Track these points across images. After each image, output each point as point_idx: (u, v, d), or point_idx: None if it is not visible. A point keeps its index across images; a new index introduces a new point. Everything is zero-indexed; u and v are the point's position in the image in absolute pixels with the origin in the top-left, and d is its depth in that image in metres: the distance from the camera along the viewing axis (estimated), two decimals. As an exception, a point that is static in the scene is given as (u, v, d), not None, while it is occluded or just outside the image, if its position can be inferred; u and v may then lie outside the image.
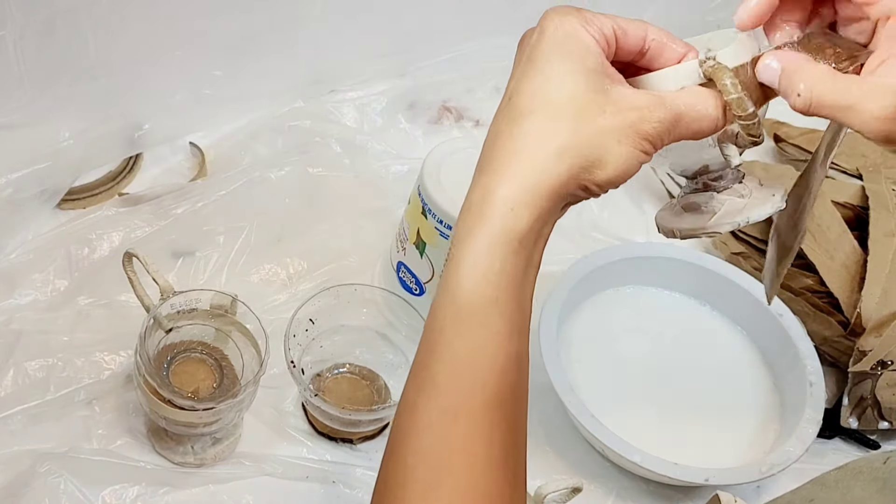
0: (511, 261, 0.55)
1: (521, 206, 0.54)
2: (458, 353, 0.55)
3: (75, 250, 0.97)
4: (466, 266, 0.55)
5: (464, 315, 0.55)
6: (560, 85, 0.55)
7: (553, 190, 0.54)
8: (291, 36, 1.08)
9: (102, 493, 0.82)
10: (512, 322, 0.56)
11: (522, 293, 0.56)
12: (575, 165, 0.54)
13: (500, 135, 0.56)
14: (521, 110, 0.55)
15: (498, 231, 0.54)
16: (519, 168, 0.54)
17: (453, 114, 1.20)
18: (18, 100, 0.93)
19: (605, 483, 0.93)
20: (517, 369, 0.56)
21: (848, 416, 0.99)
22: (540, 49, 0.56)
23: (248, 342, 0.85)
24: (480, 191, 0.55)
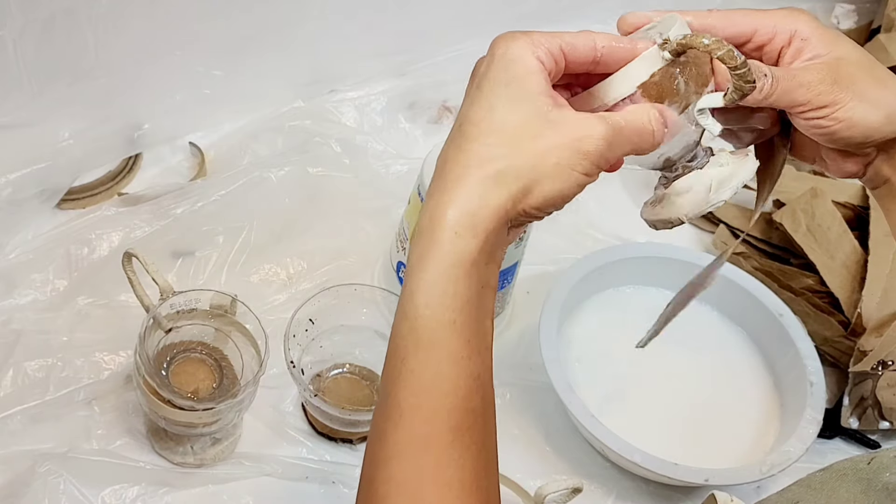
0: (464, 283, 0.56)
1: (465, 230, 0.55)
2: (421, 380, 0.56)
3: (75, 250, 0.97)
4: (421, 292, 0.56)
5: (423, 341, 0.56)
6: (503, 112, 0.56)
7: (493, 214, 0.55)
8: (291, 36, 1.08)
9: (102, 493, 0.82)
10: (470, 344, 0.56)
11: (480, 313, 0.57)
12: (513, 188, 0.55)
13: (447, 161, 0.57)
14: (467, 137, 0.57)
15: (447, 255, 0.55)
16: (462, 192, 0.56)
17: (453, 114, 1.20)
18: (18, 100, 0.93)
19: (605, 483, 0.93)
20: (481, 391, 0.57)
21: (848, 417, 0.99)
22: (487, 77, 0.58)
23: (248, 342, 0.85)
24: (428, 215, 0.57)
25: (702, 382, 0.97)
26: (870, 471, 0.61)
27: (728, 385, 0.98)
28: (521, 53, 0.57)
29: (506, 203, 0.55)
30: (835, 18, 1.39)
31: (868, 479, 0.61)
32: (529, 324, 0.93)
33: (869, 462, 0.63)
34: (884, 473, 0.61)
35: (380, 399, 0.58)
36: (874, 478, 0.60)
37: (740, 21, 0.62)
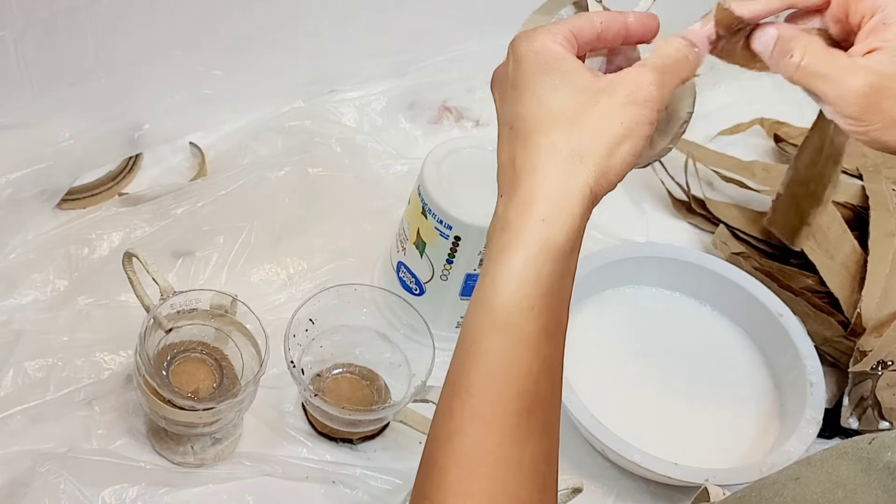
0: (548, 269, 0.56)
1: (552, 217, 0.56)
2: (493, 362, 0.57)
3: (75, 250, 0.97)
4: (502, 279, 0.57)
5: (499, 324, 0.57)
6: (551, 98, 0.57)
7: (580, 195, 0.56)
8: (291, 36, 1.08)
9: (102, 493, 0.82)
10: (547, 329, 0.57)
11: (558, 301, 0.58)
12: (591, 165, 0.56)
13: (514, 159, 0.58)
14: (525, 132, 0.58)
15: (533, 244, 0.56)
16: (542, 182, 0.57)
17: (453, 114, 1.20)
18: (19, 100, 0.93)
19: (605, 483, 0.93)
20: (550, 374, 0.58)
21: (848, 417, 0.99)
22: (520, 73, 0.59)
23: (248, 342, 0.85)
24: (512, 211, 0.57)
25: (702, 382, 0.97)
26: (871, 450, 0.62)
27: (728, 385, 0.98)
28: (545, 44, 0.58)
29: (588, 181, 0.56)
30: (834, 18, 1.39)
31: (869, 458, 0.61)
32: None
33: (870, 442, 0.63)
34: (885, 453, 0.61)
35: (448, 378, 0.59)
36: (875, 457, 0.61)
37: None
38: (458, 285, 0.93)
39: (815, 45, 0.59)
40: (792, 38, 0.60)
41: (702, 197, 1.14)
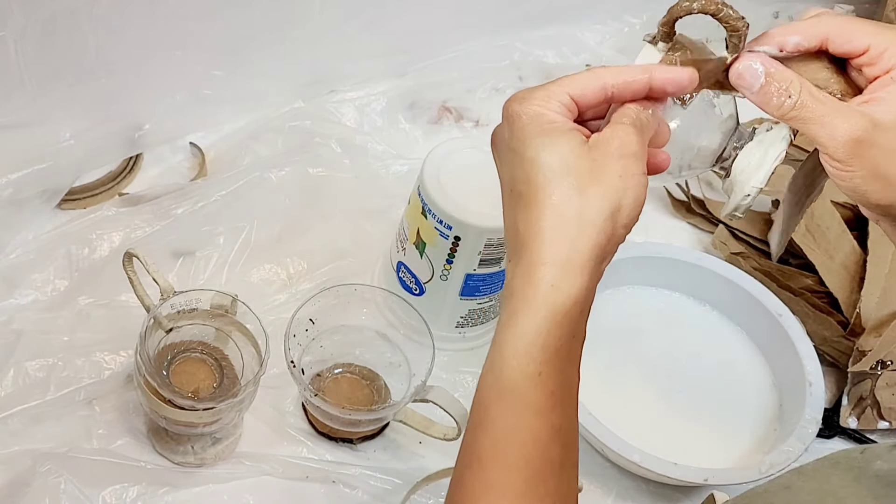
0: (555, 334, 0.56)
1: (560, 281, 0.56)
2: (501, 430, 0.57)
3: (75, 250, 0.97)
4: (510, 345, 0.56)
5: (507, 392, 0.56)
6: (548, 159, 0.57)
7: (587, 256, 0.56)
8: (291, 36, 1.08)
9: (102, 493, 0.82)
10: (555, 395, 0.57)
11: (567, 365, 0.57)
12: (599, 221, 0.56)
13: (517, 224, 0.58)
14: (527, 196, 0.57)
15: (541, 308, 0.56)
16: (548, 247, 0.56)
17: (453, 114, 1.20)
18: (19, 100, 0.93)
19: (605, 483, 0.93)
20: (560, 441, 0.57)
21: (847, 416, 0.99)
22: (517, 139, 0.58)
23: (249, 342, 0.86)
24: (519, 277, 0.57)
25: (702, 382, 0.98)
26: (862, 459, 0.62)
27: (728, 385, 0.98)
28: (538, 110, 0.58)
29: (598, 238, 0.56)
30: (834, 19, 1.39)
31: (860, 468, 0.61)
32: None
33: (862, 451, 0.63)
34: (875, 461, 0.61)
35: (461, 447, 0.59)
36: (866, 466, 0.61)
37: (857, 36, 0.60)
38: (458, 285, 0.93)
39: (808, 86, 0.59)
40: (787, 78, 0.59)
41: (701, 197, 1.14)
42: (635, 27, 1.29)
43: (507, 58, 1.24)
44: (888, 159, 0.57)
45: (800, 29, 0.60)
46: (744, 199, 0.65)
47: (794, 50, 0.60)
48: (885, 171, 0.58)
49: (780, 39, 0.60)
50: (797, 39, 0.60)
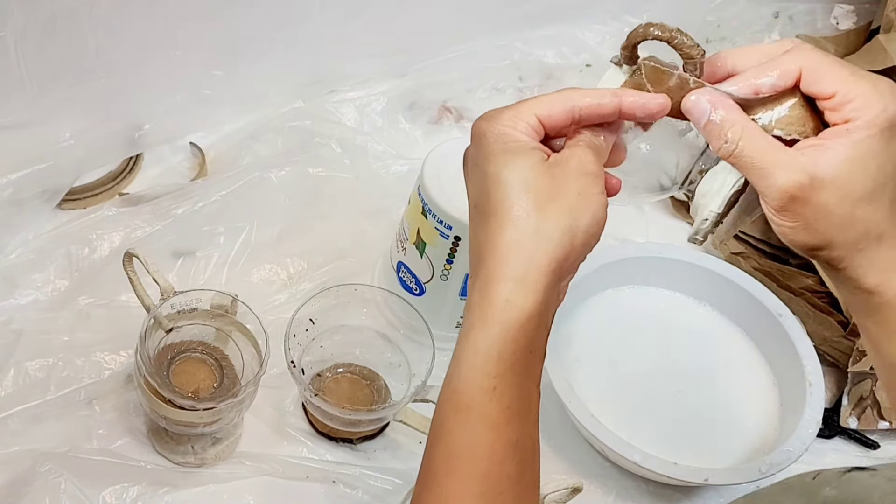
0: (509, 348, 0.56)
1: (515, 296, 0.56)
2: (456, 444, 0.57)
3: (75, 250, 0.97)
4: (466, 360, 0.57)
5: (462, 406, 0.57)
6: (510, 176, 0.57)
7: (543, 272, 0.56)
8: (291, 36, 1.08)
9: (102, 493, 0.82)
10: (510, 409, 0.57)
11: (524, 380, 0.57)
12: (556, 236, 0.57)
13: (477, 239, 0.59)
14: (488, 211, 0.58)
15: (495, 323, 0.56)
16: (505, 261, 0.57)
17: (453, 114, 1.20)
18: (19, 100, 0.93)
19: (605, 483, 0.93)
20: (518, 456, 0.57)
21: (848, 416, 0.99)
22: (482, 156, 0.59)
23: (249, 342, 0.86)
24: (477, 292, 0.57)
25: (702, 382, 0.98)
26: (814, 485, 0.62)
27: (728, 385, 0.98)
28: (504, 129, 0.59)
29: (554, 254, 0.57)
30: (834, 19, 1.39)
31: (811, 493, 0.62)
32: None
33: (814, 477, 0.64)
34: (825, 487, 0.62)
35: (421, 464, 0.59)
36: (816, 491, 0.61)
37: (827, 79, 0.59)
38: (458, 285, 0.93)
39: (750, 132, 0.59)
40: (729, 121, 0.59)
41: (701, 197, 1.14)
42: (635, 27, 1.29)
43: (507, 58, 1.23)
44: (819, 215, 0.58)
45: (773, 68, 0.60)
46: (702, 224, 0.65)
47: (770, 92, 0.60)
48: (816, 226, 0.58)
49: (755, 83, 0.60)
50: (772, 81, 0.60)
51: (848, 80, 0.58)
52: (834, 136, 0.58)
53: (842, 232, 0.58)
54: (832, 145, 0.58)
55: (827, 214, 0.58)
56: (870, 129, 0.57)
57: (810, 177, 0.57)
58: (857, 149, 0.57)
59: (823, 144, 0.58)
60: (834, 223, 0.58)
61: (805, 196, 0.57)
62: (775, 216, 0.59)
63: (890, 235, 0.59)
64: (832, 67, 0.59)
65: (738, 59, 0.62)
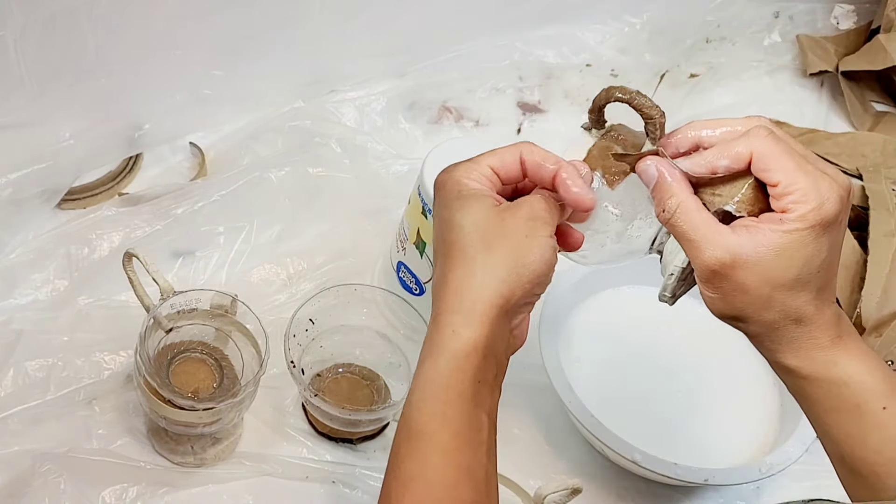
0: (457, 377, 0.60)
1: (461, 328, 0.60)
2: (409, 470, 0.59)
3: (75, 250, 0.97)
4: (417, 390, 0.61)
5: (413, 434, 0.60)
6: (462, 220, 0.62)
7: (489, 304, 0.60)
8: (291, 36, 1.08)
9: (102, 493, 0.82)
10: (461, 436, 0.59)
11: (473, 408, 0.60)
12: (502, 274, 0.61)
13: (436, 278, 0.64)
14: (444, 253, 0.63)
15: (444, 353, 0.60)
16: (455, 296, 0.61)
17: (453, 114, 1.20)
18: (19, 100, 0.93)
19: (605, 483, 0.93)
20: (471, 482, 0.59)
21: (848, 416, 0.99)
22: (440, 204, 0.64)
23: (248, 342, 0.86)
24: (431, 325, 0.62)
25: (702, 382, 0.98)
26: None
27: (728, 385, 0.98)
28: (459, 178, 0.64)
29: (500, 289, 0.60)
30: (834, 19, 1.39)
31: None
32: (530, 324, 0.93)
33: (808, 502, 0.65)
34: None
35: (380, 494, 0.61)
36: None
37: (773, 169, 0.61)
38: (458, 285, 0.93)
39: (687, 204, 0.62)
40: (670, 190, 0.62)
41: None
42: (635, 27, 1.29)
43: (507, 58, 1.24)
44: (737, 291, 0.62)
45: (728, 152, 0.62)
46: (668, 279, 0.67)
47: (725, 173, 0.63)
48: (733, 301, 0.62)
49: (713, 164, 0.62)
50: (726, 164, 0.62)
51: (792, 172, 0.60)
52: (768, 221, 0.61)
53: (757, 311, 0.62)
54: (763, 230, 0.61)
55: (745, 292, 0.61)
56: (802, 222, 0.60)
57: (733, 256, 0.60)
58: (786, 239, 0.60)
59: (757, 227, 0.61)
60: (750, 301, 0.62)
61: (725, 273, 0.61)
62: (700, 284, 0.63)
63: (811, 319, 0.62)
64: (779, 158, 0.61)
65: (703, 131, 0.64)
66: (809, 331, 0.63)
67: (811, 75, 1.31)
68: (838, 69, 1.30)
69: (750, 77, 1.31)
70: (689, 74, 1.29)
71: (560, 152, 0.66)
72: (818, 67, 1.30)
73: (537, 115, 1.22)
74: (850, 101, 1.28)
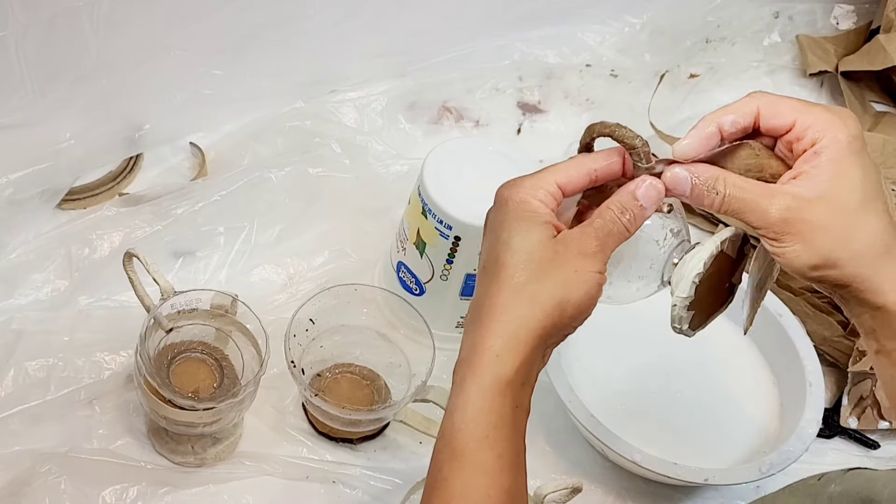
0: (499, 401, 0.60)
1: (505, 353, 0.60)
2: (452, 490, 0.60)
3: (76, 250, 0.97)
4: (459, 410, 0.61)
5: (457, 454, 0.61)
6: (519, 244, 0.62)
7: (532, 334, 0.61)
8: (291, 36, 1.08)
9: (102, 492, 0.82)
10: (503, 458, 0.61)
11: (513, 432, 0.62)
12: (547, 306, 0.61)
13: (479, 296, 0.63)
14: (494, 273, 0.62)
15: (486, 377, 0.60)
16: (499, 320, 0.61)
17: (453, 114, 1.20)
18: (20, 100, 0.93)
19: (605, 483, 0.93)
20: (510, 503, 0.61)
21: (848, 416, 0.99)
22: (499, 220, 0.64)
23: (249, 342, 0.86)
24: (469, 345, 0.62)
25: (702, 382, 0.98)
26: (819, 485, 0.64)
27: (728, 385, 0.98)
28: (524, 197, 0.63)
29: (544, 321, 0.61)
30: (834, 19, 1.39)
31: (816, 493, 0.64)
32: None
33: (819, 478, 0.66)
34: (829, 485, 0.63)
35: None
36: (822, 491, 0.63)
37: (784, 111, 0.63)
38: (458, 285, 0.93)
39: (732, 178, 0.63)
40: (712, 176, 0.63)
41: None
42: (635, 27, 1.29)
43: (507, 58, 1.24)
44: (815, 232, 0.61)
45: (733, 109, 0.64)
46: (672, 310, 0.68)
47: (731, 128, 0.64)
48: (815, 243, 0.61)
49: (719, 121, 0.64)
50: (732, 118, 0.63)
51: (803, 109, 0.62)
52: (806, 161, 0.62)
53: (843, 246, 0.61)
54: (808, 169, 0.61)
55: (824, 230, 0.61)
56: (836, 143, 0.61)
57: (797, 199, 0.61)
58: (833, 165, 0.61)
59: (800, 172, 0.62)
60: (833, 238, 0.61)
61: (797, 216, 0.61)
62: (776, 245, 0.62)
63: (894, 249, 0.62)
64: (786, 101, 0.63)
65: None
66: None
67: (811, 75, 1.31)
68: (838, 69, 1.30)
69: (750, 77, 1.31)
70: (689, 74, 1.29)
71: (560, 152, 0.66)
72: (818, 68, 1.30)
73: (537, 115, 1.22)
74: (849, 101, 1.28)
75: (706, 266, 0.65)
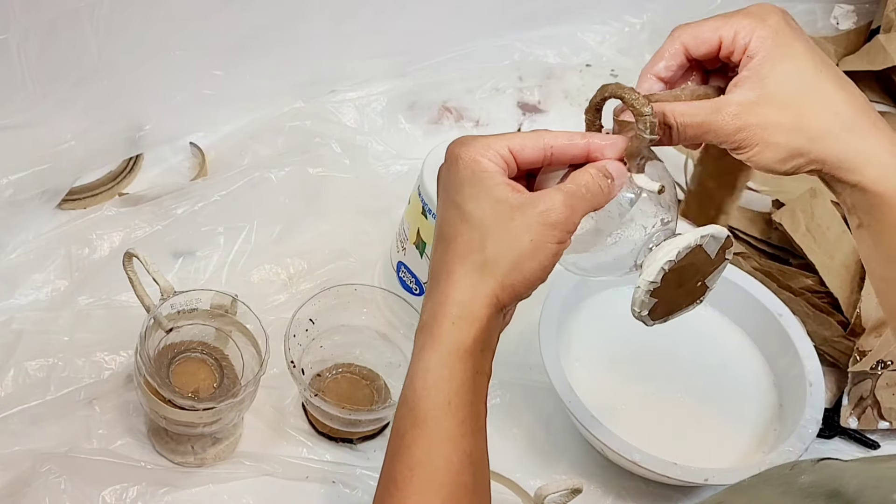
0: (459, 367, 0.61)
1: (461, 321, 0.61)
2: (415, 455, 0.61)
3: (76, 250, 0.97)
4: (420, 377, 0.61)
5: (419, 420, 0.61)
6: (471, 208, 0.61)
7: (486, 301, 0.61)
8: (291, 36, 1.09)
9: (102, 493, 0.82)
10: (464, 424, 0.61)
11: (474, 397, 0.62)
12: (498, 274, 0.61)
13: (436, 262, 0.63)
14: (447, 237, 0.62)
15: (445, 344, 0.61)
16: (455, 287, 0.61)
17: (453, 114, 1.20)
18: (21, 101, 0.93)
19: (605, 483, 0.93)
20: (472, 468, 0.61)
21: (848, 416, 0.99)
22: (449, 181, 0.63)
23: (249, 342, 0.86)
24: (430, 310, 0.62)
25: (702, 382, 0.98)
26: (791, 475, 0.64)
27: (728, 385, 0.98)
28: (474, 156, 0.62)
29: (495, 289, 0.61)
30: (834, 19, 1.39)
31: (788, 483, 0.64)
32: (529, 323, 0.93)
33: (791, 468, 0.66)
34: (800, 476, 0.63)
35: (380, 476, 0.63)
36: (793, 480, 0.64)
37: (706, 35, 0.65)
38: (458, 285, 0.93)
39: (678, 107, 0.64)
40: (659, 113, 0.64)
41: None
42: (635, 27, 1.29)
43: (507, 58, 1.24)
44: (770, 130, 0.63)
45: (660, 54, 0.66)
46: (635, 292, 0.66)
47: (666, 74, 0.66)
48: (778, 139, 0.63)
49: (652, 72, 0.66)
50: (663, 63, 0.66)
51: (721, 24, 0.64)
52: (743, 67, 0.63)
53: (801, 134, 0.63)
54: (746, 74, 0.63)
55: (776, 125, 0.62)
56: (762, 41, 0.63)
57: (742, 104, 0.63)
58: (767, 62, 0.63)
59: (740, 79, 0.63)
60: (787, 129, 0.63)
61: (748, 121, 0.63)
62: (741, 153, 0.64)
63: (858, 124, 0.63)
64: (705, 24, 0.65)
65: None
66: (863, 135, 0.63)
67: (811, 75, 1.31)
68: (838, 69, 1.30)
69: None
70: (689, 74, 1.29)
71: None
72: (818, 67, 1.30)
73: (537, 115, 1.22)
74: (849, 101, 1.28)
75: (679, 256, 0.65)
